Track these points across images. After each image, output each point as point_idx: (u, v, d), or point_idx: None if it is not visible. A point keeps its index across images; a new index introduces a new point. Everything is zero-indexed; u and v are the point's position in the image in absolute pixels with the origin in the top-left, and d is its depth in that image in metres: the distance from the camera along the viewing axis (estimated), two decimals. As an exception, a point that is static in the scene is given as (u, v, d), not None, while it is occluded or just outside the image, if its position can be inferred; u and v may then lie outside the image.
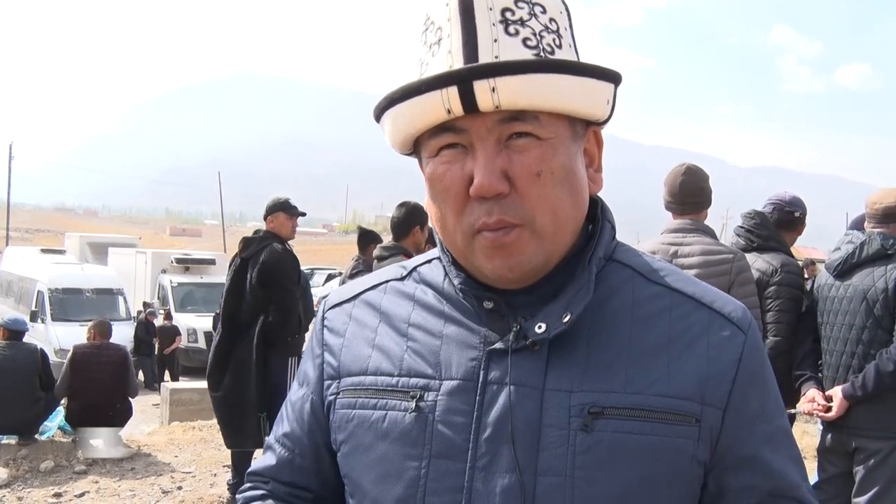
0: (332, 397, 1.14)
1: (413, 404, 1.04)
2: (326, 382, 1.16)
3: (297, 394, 1.21)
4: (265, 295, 5.83)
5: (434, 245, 4.84)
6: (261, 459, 1.25)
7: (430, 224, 5.50)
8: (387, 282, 1.20)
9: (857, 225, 4.29)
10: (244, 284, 5.86)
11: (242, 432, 5.88)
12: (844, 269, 4.01)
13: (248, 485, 1.24)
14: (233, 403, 5.87)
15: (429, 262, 1.18)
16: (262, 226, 6.16)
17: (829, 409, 3.93)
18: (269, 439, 1.25)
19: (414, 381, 1.06)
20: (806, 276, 5.22)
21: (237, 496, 1.27)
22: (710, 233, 3.79)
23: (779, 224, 4.45)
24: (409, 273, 1.18)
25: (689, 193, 3.84)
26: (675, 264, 3.58)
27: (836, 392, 3.92)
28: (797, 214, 4.55)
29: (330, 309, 1.22)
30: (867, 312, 3.86)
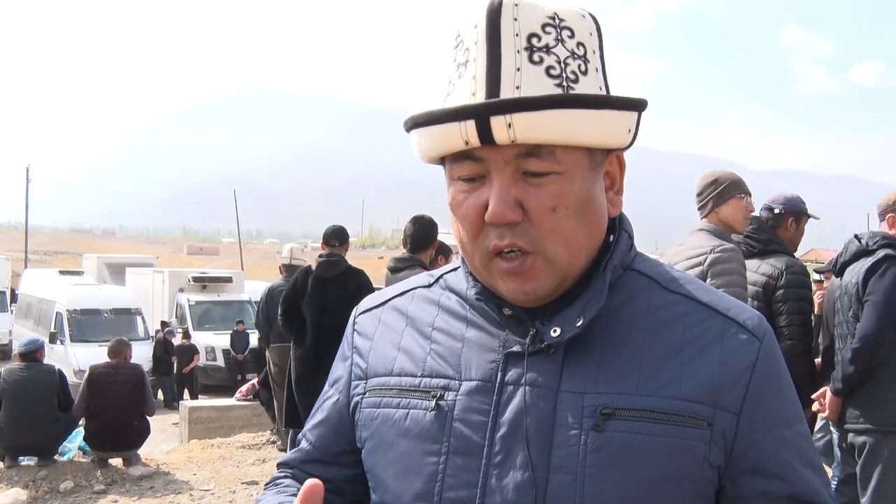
0: (358, 397, 1.19)
1: (433, 403, 1.08)
2: (354, 383, 1.21)
3: (327, 394, 1.27)
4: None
5: (444, 256, 4.85)
6: (290, 452, 1.32)
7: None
8: (414, 289, 1.25)
9: None
10: (327, 301, 6.15)
11: None
12: (838, 270, 4.12)
13: (276, 473, 1.31)
14: None
15: (455, 270, 1.22)
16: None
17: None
18: (300, 435, 1.31)
19: (435, 381, 1.10)
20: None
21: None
22: (713, 232, 3.81)
23: (773, 225, 4.47)
24: (437, 280, 1.24)
25: (695, 200, 3.97)
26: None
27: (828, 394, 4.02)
28: (777, 211, 4.51)
29: (361, 314, 1.28)
30: (849, 307, 3.96)
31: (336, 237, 6.56)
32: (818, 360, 4.49)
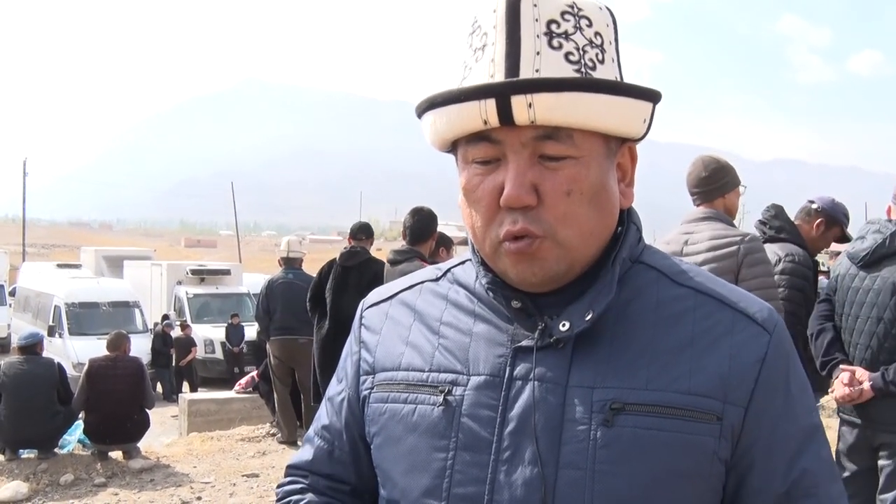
0: (366, 392, 1.17)
1: (441, 398, 1.07)
2: (362, 378, 1.19)
3: (336, 389, 1.25)
4: None
5: (445, 248, 4.84)
6: (300, 453, 1.28)
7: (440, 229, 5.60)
8: (422, 283, 1.23)
9: None
10: (346, 287, 6.53)
11: None
12: (872, 260, 3.84)
13: (287, 478, 1.27)
14: None
15: (462, 263, 1.21)
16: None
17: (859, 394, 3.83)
18: (309, 433, 1.28)
19: (443, 376, 1.09)
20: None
21: (277, 490, 1.29)
22: (723, 220, 3.71)
23: (803, 218, 4.42)
24: (444, 274, 1.22)
25: (695, 183, 3.82)
26: (686, 252, 3.55)
27: (864, 380, 3.79)
28: (815, 206, 4.46)
29: (368, 308, 1.26)
30: None
31: (363, 232, 7.00)
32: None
